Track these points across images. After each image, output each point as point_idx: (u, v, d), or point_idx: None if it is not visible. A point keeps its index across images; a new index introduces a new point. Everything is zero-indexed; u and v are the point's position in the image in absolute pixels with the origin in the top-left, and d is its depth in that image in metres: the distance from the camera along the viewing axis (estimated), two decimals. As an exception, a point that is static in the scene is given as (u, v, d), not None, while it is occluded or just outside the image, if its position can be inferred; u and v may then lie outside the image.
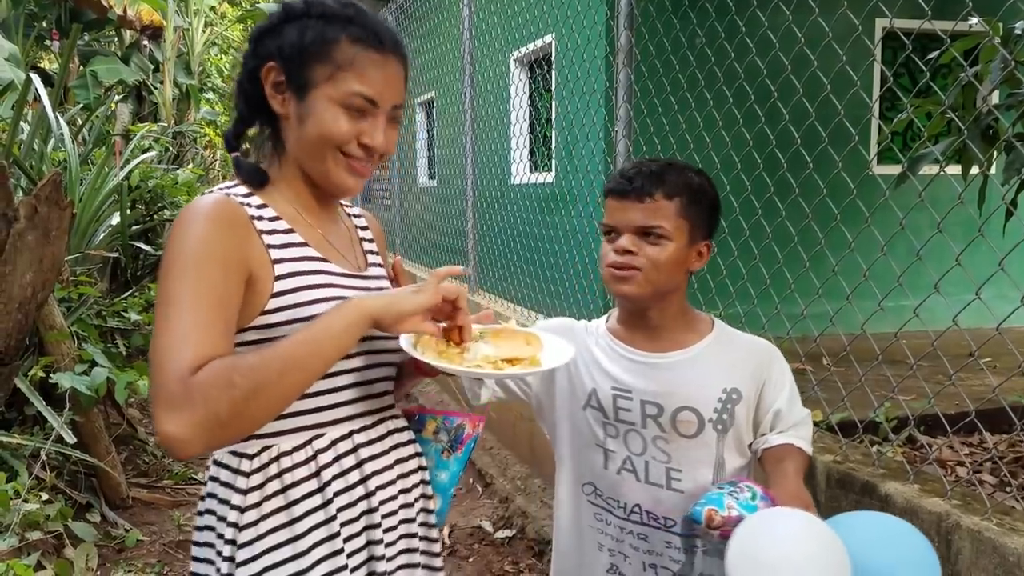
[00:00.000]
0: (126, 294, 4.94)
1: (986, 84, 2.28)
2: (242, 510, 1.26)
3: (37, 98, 4.87)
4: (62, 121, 5.10)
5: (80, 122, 6.43)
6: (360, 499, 1.34)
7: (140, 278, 5.88)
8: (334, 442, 1.32)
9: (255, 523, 1.26)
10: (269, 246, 1.26)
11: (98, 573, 3.23)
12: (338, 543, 1.29)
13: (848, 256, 2.29)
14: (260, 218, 1.28)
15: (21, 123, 5.07)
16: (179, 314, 1.14)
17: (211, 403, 1.09)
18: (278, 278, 1.25)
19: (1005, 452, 3.08)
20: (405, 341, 1.29)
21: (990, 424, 2.55)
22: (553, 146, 5.80)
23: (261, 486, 1.27)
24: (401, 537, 1.41)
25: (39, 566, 2.98)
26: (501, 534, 3.72)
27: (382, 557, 1.35)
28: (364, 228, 1.55)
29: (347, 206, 1.55)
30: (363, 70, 1.28)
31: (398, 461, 1.42)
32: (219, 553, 1.28)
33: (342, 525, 1.30)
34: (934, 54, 2.35)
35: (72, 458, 3.53)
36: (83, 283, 4.10)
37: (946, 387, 2.14)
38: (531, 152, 6.40)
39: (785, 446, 1.60)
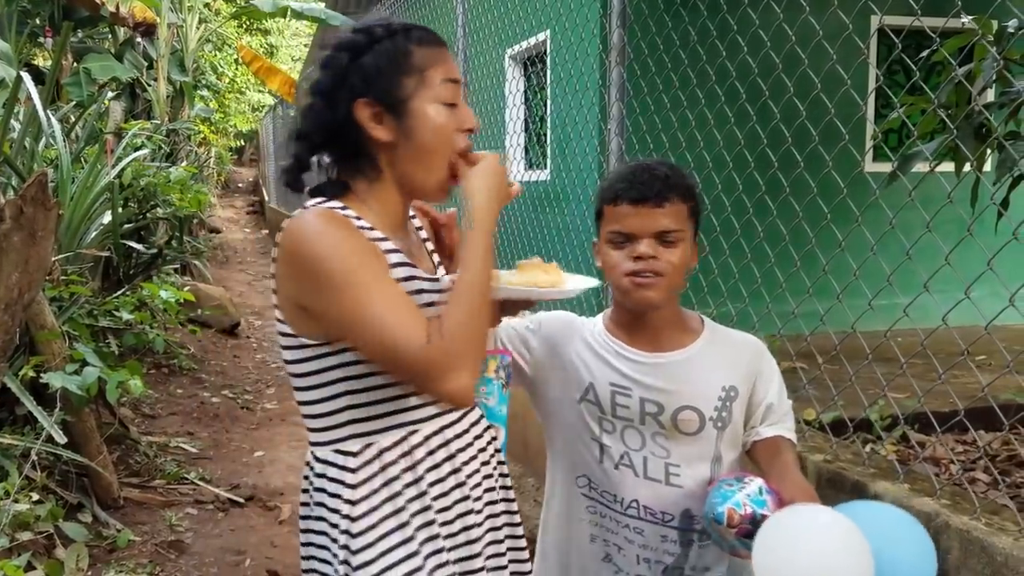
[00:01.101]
0: (118, 293, 4.92)
1: (978, 82, 2.28)
2: (353, 503, 1.35)
3: (30, 96, 4.85)
4: (54, 119, 5.08)
5: (73, 120, 6.40)
6: (453, 488, 1.43)
7: (132, 277, 5.86)
8: (427, 437, 1.41)
9: (366, 514, 1.35)
10: (385, 251, 1.35)
11: (89, 573, 3.22)
12: (435, 529, 1.39)
13: (839, 255, 2.28)
14: (361, 228, 1.34)
15: (12, 121, 5.05)
16: (380, 306, 1.23)
17: (462, 346, 1.23)
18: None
19: (999, 450, 3.08)
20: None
21: (986, 422, 2.55)
22: (548, 144, 5.79)
23: (369, 479, 1.36)
24: (488, 517, 1.50)
25: (29, 567, 2.97)
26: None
27: (478, 540, 1.45)
28: (419, 228, 1.60)
29: None
30: (441, 62, 1.37)
31: (476, 438, 1.50)
32: (335, 542, 1.36)
33: (436, 512, 1.39)
34: (926, 52, 2.35)
35: (63, 458, 3.51)
36: (74, 282, 4.08)
37: (937, 385, 2.13)
38: (526, 150, 6.39)
39: (777, 438, 1.63)
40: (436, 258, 1.56)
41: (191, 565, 3.42)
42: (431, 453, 1.41)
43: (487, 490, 1.51)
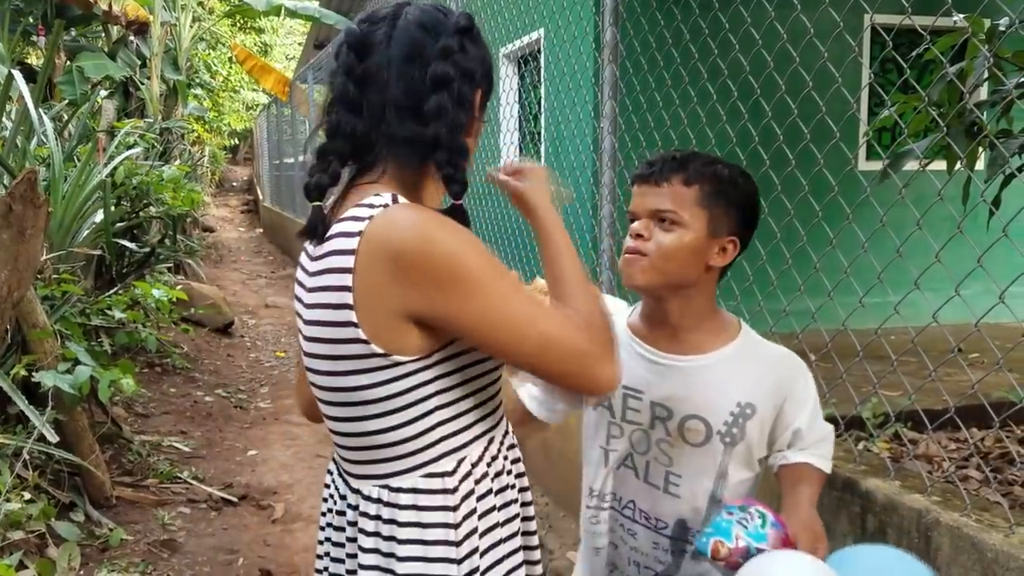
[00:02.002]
0: (111, 292, 4.91)
1: (970, 80, 2.28)
2: (456, 526, 1.25)
3: (22, 94, 4.83)
4: (46, 117, 5.06)
5: (66, 118, 6.39)
6: (509, 487, 1.36)
7: (125, 275, 5.85)
8: (500, 444, 1.36)
9: (467, 536, 1.26)
10: None
11: (81, 572, 3.21)
12: (516, 524, 1.35)
13: (831, 253, 2.28)
14: None
15: (4, 119, 5.03)
16: (529, 304, 1.17)
17: (606, 333, 1.20)
18: None
19: (991, 448, 3.09)
20: None
21: (978, 419, 2.55)
22: (542, 142, 5.79)
23: (467, 498, 1.27)
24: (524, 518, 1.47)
25: (21, 565, 2.96)
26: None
27: (529, 532, 1.41)
28: None
29: None
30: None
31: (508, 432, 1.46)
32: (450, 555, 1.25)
33: (520, 506, 1.37)
34: (918, 50, 2.35)
35: (55, 457, 3.50)
36: (66, 281, 4.07)
37: (929, 383, 2.13)
38: (520, 148, 6.39)
39: (802, 465, 1.54)
40: None
41: (184, 564, 3.41)
42: (505, 457, 1.36)
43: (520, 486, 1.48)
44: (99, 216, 5.20)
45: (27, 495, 3.22)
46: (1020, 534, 1.67)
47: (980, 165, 2.70)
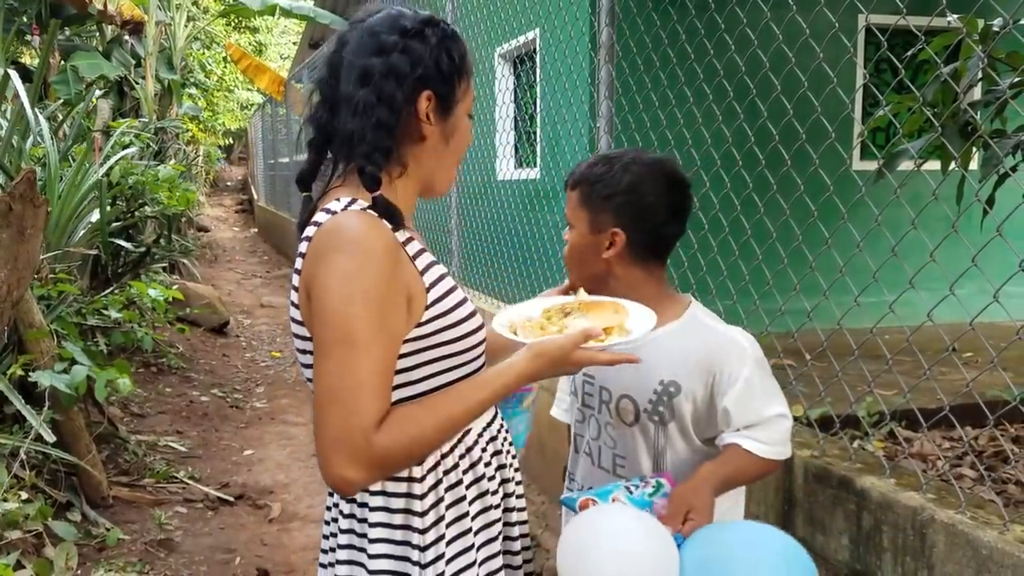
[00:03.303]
0: (106, 291, 4.91)
1: (964, 81, 2.29)
2: (422, 514, 1.32)
3: (18, 94, 4.83)
4: (41, 117, 5.05)
5: (61, 118, 6.37)
6: (501, 483, 1.45)
7: (121, 275, 5.84)
8: (479, 435, 1.42)
9: (436, 541, 1.33)
10: (413, 257, 1.30)
11: (78, 572, 3.21)
12: (494, 529, 1.42)
13: (826, 253, 2.29)
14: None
15: (0, 119, 5.02)
16: (360, 357, 1.17)
17: (391, 464, 1.21)
18: (427, 289, 1.29)
19: (985, 446, 3.10)
20: (499, 324, 1.41)
21: (972, 418, 2.57)
22: (538, 142, 5.79)
23: (435, 505, 1.34)
24: (519, 523, 1.52)
25: (18, 565, 2.96)
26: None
27: (513, 524, 1.48)
28: None
29: None
30: (472, 75, 1.37)
31: (505, 440, 1.51)
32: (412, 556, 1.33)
33: (493, 510, 1.42)
34: (912, 50, 2.36)
35: (52, 457, 3.50)
36: (62, 280, 4.06)
37: (924, 382, 2.15)
38: (516, 148, 6.39)
39: (731, 446, 1.57)
40: None
41: (180, 564, 3.42)
42: (483, 450, 1.41)
43: (519, 496, 1.53)
44: (95, 216, 5.20)
45: (24, 495, 3.21)
46: (1015, 532, 1.69)
47: (974, 165, 2.71)
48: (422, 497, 1.32)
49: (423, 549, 1.31)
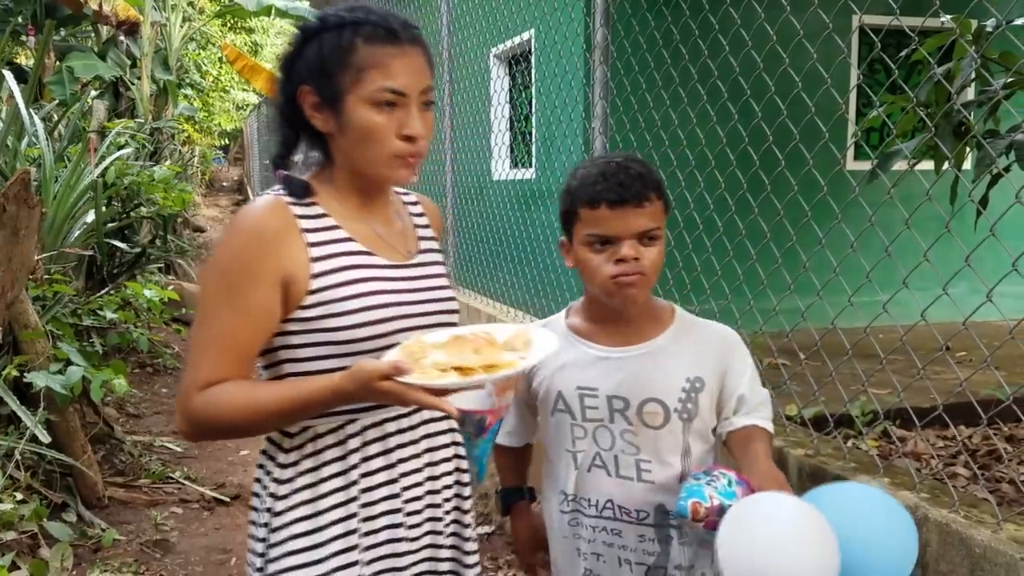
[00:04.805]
0: (102, 292, 4.90)
1: (957, 81, 2.30)
2: (280, 482, 1.41)
3: (12, 95, 4.82)
4: (36, 118, 5.05)
5: (56, 118, 6.37)
6: (381, 484, 1.44)
7: (116, 276, 5.84)
8: (364, 428, 1.42)
9: (286, 496, 1.40)
10: (310, 244, 1.37)
11: (74, 573, 3.21)
12: (353, 523, 1.41)
13: (820, 252, 2.30)
14: (306, 216, 1.39)
15: (-6, 120, 5.02)
16: (208, 324, 1.35)
17: (202, 425, 1.35)
18: (314, 276, 1.36)
19: (979, 445, 3.11)
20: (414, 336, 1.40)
21: (965, 417, 2.58)
22: (533, 142, 5.80)
23: (296, 463, 1.41)
24: (428, 533, 1.51)
25: (13, 566, 2.96)
26: (480, 530, 3.72)
27: (402, 540, 1.46)
28: (420, 215, 1.62)
29: (403, 194, 1.64)
30: (383, 65, 1.35)
31: (428, 450, 1.51)
32: (261, 520, 1.43)
33: (361, 507, 1.42)
34: (906, 50, 2.37)
35: (47, 457, 3.50)
36: (58, 281, 4.06)
37: (916, 381, 2.15)
38: (511, 149, 6.40)
39: (750, 427, 1.61)
40: (425, 243, 1.58)
41: (176, 564, 3.42)
42: (366, 444, 1.42)
43: (430, 506, 1.51)
44: (90, 216, 5.19)
45: (19, 495, 3.21)
46: (1008, 530, 1.69)
47: (968, 165, 2.72)
48: (288, 451, 1.43)
49: (277, 497, 1.41)
